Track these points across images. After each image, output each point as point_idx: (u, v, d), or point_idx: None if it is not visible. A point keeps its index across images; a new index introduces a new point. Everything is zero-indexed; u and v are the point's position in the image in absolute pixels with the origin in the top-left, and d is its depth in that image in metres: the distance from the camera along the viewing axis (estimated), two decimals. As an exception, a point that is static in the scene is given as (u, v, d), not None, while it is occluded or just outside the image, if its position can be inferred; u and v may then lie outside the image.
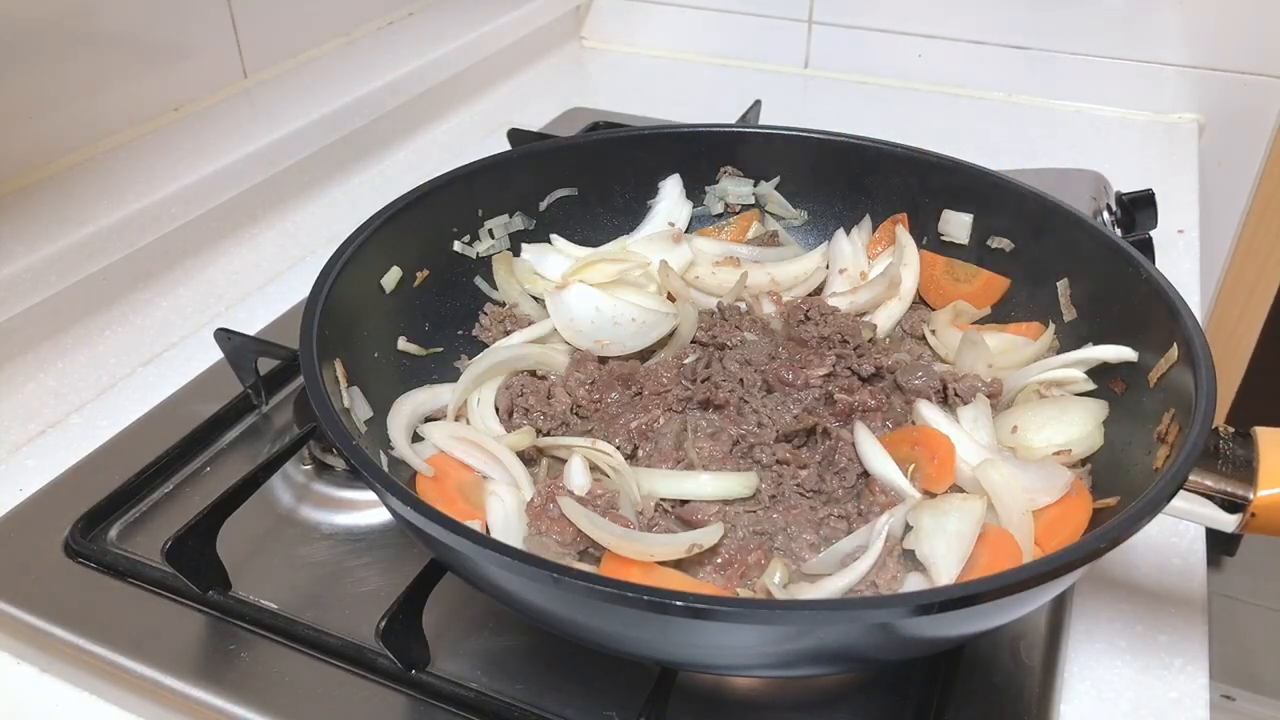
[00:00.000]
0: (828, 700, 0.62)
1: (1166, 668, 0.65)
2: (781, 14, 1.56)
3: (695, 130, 0.95)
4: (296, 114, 1.16)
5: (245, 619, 0.67)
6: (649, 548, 0.62)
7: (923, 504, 0.66)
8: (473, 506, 0.68)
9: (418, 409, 0.75)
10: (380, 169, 1.29)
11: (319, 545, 0.73)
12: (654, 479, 0.69)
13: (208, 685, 0.63)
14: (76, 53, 0.99)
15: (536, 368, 0.81)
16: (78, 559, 0.71)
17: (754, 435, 0.72)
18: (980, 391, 0.76)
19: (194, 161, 1.04)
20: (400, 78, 1.29)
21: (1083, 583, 0.70)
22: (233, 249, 1.10)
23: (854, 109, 1.48)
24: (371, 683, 0.63)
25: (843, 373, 0.76)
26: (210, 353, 0.86)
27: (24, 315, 0.88)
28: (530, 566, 0.50)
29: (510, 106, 1.48)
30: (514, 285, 0.87)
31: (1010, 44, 1.46)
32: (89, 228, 0.92)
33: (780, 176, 0.94)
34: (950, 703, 0.60)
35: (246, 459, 0.80)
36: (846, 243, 0.91)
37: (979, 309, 0.86)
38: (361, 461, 0.56)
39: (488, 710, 0.61)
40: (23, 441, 0.85)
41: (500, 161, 0.88)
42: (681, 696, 0.58)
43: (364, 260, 0.75)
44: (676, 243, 0.90)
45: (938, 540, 0.62)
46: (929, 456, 0.71)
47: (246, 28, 1.18)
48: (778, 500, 0.68)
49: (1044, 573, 0.49)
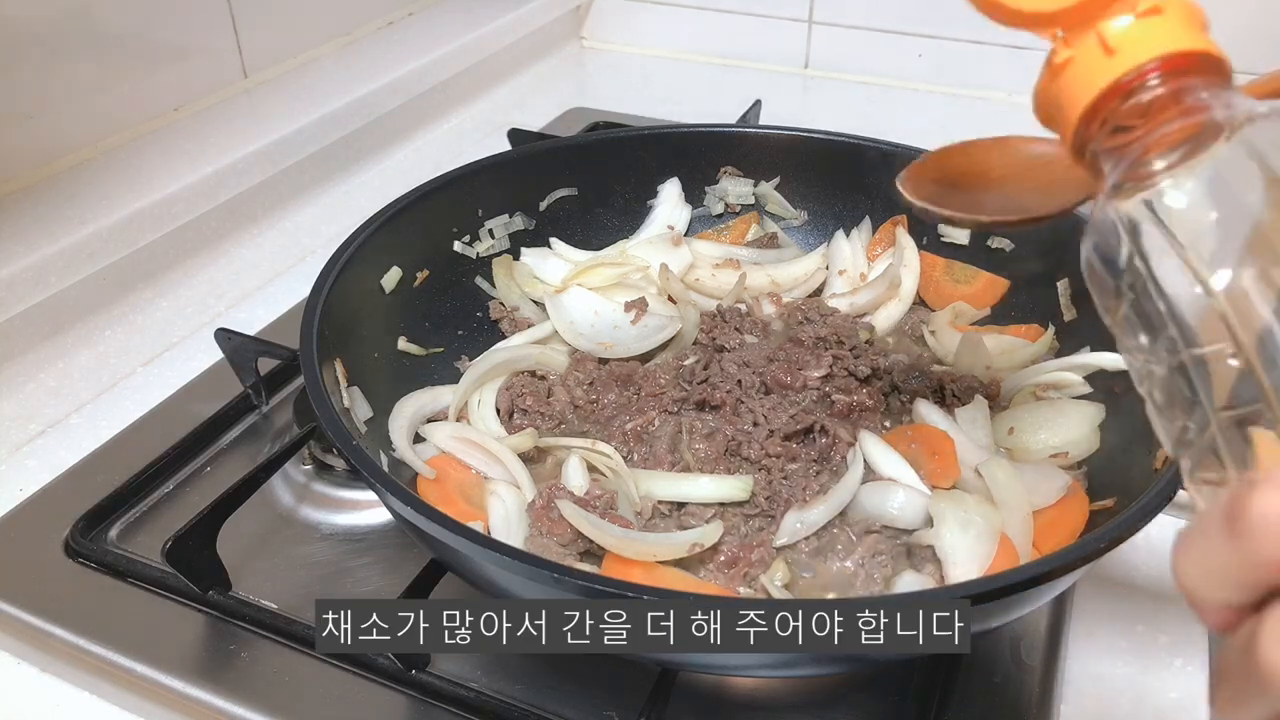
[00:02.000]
0: (828, 700, 0.62)
1: (1166, 668, 0.65)
2: (781, 14, 1.56)
3: (695, 130, 0.95)
4: (296, 114, 1.16)
5: (245, 619, 0.67)
6: (651, 548, 0.63)
7: (943, 496, 0.66)
8: (473, 507, 0.69)
9: (419, 410, 0.75)
10: (380, 169, 1.29)
11: (319, 545, 0.73)
12: (652, 480, 0.69)
13: (208, 685, 0.63)
14: (76, 53, 0.99)
15: (537, 368, 0.81)
16: (78, 559, 0.71)
17: (749, 435, 0.72)
18: (978, 392, 0.76)
19: (194, 161, 1.04)
20: (400, 78, 1.29)
21: (1083, 583, 0.70)
22: (233, 249, 1.10)
23: (854, 109, 1.48)
24: (371, 683, 0.63)
25: (840, 374, 0.76)
26: (210, 353, 0.86)
27: (24, 315, 0.88)
28: (530, 566, 0.50)
29: (510, 106, 1.48)
30: (514, 289, 0.87)
31: (1010, 44, 1.45)
32: (89, 228, 0.92)
33: (780, 176, 0.94)
34: (950, 703, 0.60)
35: (246, 459, 0.80)
36: (846, 244, 0.91)
37: (978, 310, 0.86)
38: (361, 461, 0.56)
39: (488, 710, 0.61)
40: (23, 441, 0.85)
41: (500, 161, 0.88)
42: (681, 696, 0.58)
43: (364, 260, 0.75)
44: (676, 246, 0.90)
45: (959, 539, 0.63)
46: (929, 453, 0.71)
47: (246, 28, 1.18)
48: (774, 502, 0.68)
49: (1044, 573, 0.49)
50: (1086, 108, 0.42)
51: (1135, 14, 0.41)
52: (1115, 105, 0.42)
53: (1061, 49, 0.43)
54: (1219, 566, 0.31)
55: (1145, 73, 0.41)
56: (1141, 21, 0.41)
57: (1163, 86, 0.40)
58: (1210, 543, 0.31)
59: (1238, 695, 0.31)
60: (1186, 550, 0.33)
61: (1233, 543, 0.30)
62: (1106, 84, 0.41)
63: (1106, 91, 0.41)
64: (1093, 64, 0.42)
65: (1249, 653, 0.30)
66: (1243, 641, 0.30)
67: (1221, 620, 0.32)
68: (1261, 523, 0.30)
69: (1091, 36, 0.42)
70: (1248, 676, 0.30)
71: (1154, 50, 0.41)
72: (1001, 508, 0.65)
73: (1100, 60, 0.41)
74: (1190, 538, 0.32)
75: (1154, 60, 0.40)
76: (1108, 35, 0.41)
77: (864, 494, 0.68)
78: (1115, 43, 0.41)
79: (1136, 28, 0.41)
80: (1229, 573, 0.31)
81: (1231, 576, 0.31)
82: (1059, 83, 0.43)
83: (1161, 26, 0.41)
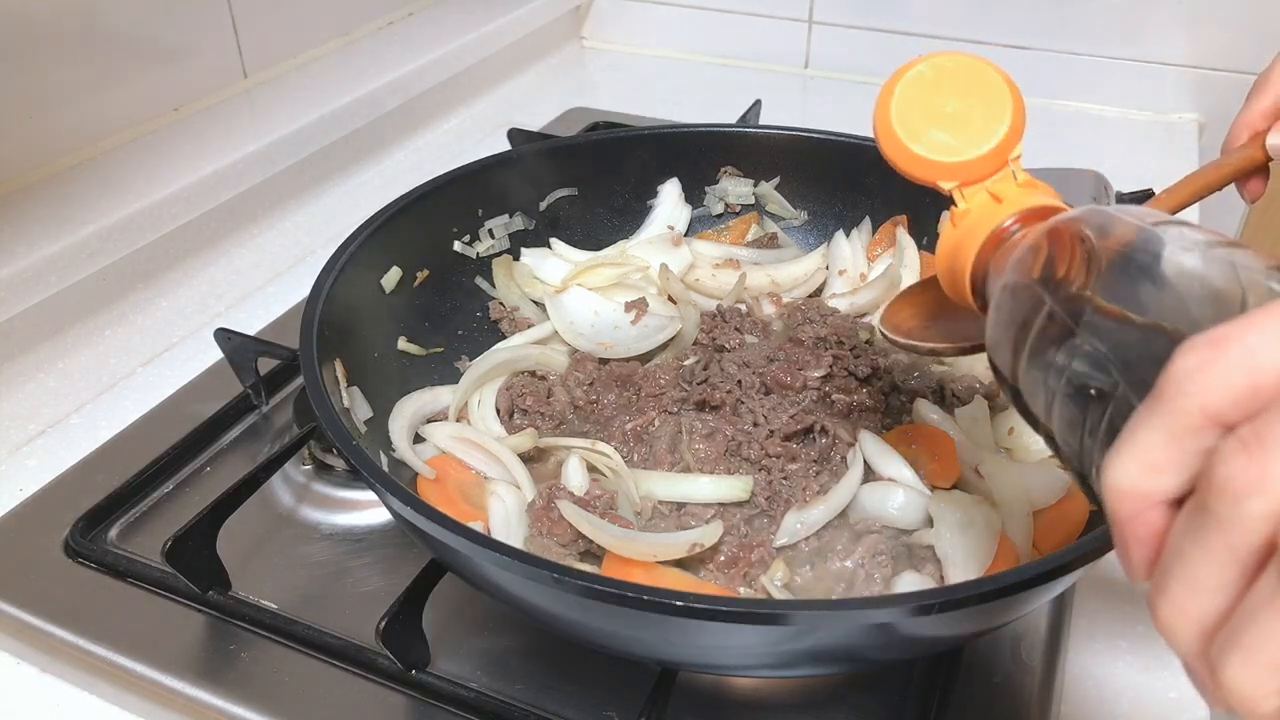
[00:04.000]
0: (828, 700, 0.62)
1: (1166, 668, 0.65)
2: (781, 14, 1.56)
3: (695, 130, 0.95)
4: (296, 114, 1.16)
5: (245, 619, 0.67)
6: (651, 548, 0.63)
7: (943, 496, 0.66)
8: (473, 507, 0.69)
9: (419, 410, 0.75)
10: (380, 169, 1.29)
11: (319, 545, 0.73)
12: (652, 481, 0.69)
13: (208, 685, 0.63)
14: (76, 53, 0.99)
15: (537, 368, 0.81)
16: (78, 559, 0.71)
17: (749, 435, 0.72)
18: (978, 392, 0.76)
19: (194, 161, 1.04)
20: (400, 78, 1.29)
21: (1083, 583, 0.70)
22: (233, 249, 1.10)
23: (854, 109, 1.47)
24: (371, 683, 0.63)
25: (840, 374, 0.76)
26: (210, 353, 0.86)
27: (24, 315, 0.88)
28: (530, 566, 0.50)
29: (510, 106, 1.48)
30: (513, 289, 0.87)
31: (1010, 44, 1.46)
32: (89, 228, 0.92)
33: (780, 176, 0.94)
34: (950, 703, 0.60)
35: (246, 459, 0.80)
36: (846, 244, 0.91)
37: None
38: (361, 462, 0.56)
39: (488, 710, 0.61)
40: (23, 441, 0.85)
41: (500, 161, 0.88)
42: (681, 696, 0.58)
43: (364, 260, 0.75)
44: (676, 246, 0.90)
45: (959, 539, 0.63)
46: (929, 453, 0.71)
47: (246, 28, 1.18)
48: (774, 502, 0.68)
49: (1044, 573, 0.49)
50: (985, 241, 0.50)
51: (1017, 185, 0.51)
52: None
53: (961, 202, 0.53)
54: (1156, 446, 0.30)
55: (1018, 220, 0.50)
56: (1018, 189, 0.51)
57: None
58: (1138, 435, 0.31)
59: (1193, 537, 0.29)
60: (1118, 459, 0.31)
61: (1160, 413, 0.30)
62: (996, 222, 0.50)
63: (996, 231, 0.50)
64: (988, 210, 0.51)
65: (1208, 479, 0.28)
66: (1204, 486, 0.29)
67: (1155, 523, 0.31)
68: (1182, 377, 0.29)
69: (985, 196, 0.52)
70: (1203, 510, 0.29)
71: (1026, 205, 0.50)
72: (1001, 508, 0.65)
73: (992, 208, 0.51)
74: (1117, 449, 0.32)
75: (1024, 211, 0.50)
76: (997, 192, 0.51)
77: (864, 494, 0.68)
78: (1002, 197, 0.51)
79: (1014, 192, 0.51)
80: (1165, 448, 0.30)
81: (1168, 451, 0.30)
82: (962, 228, 0.52)
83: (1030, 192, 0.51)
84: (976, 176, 0.52)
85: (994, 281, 0.49)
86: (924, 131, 0.52)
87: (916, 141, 0.52)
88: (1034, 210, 0.50)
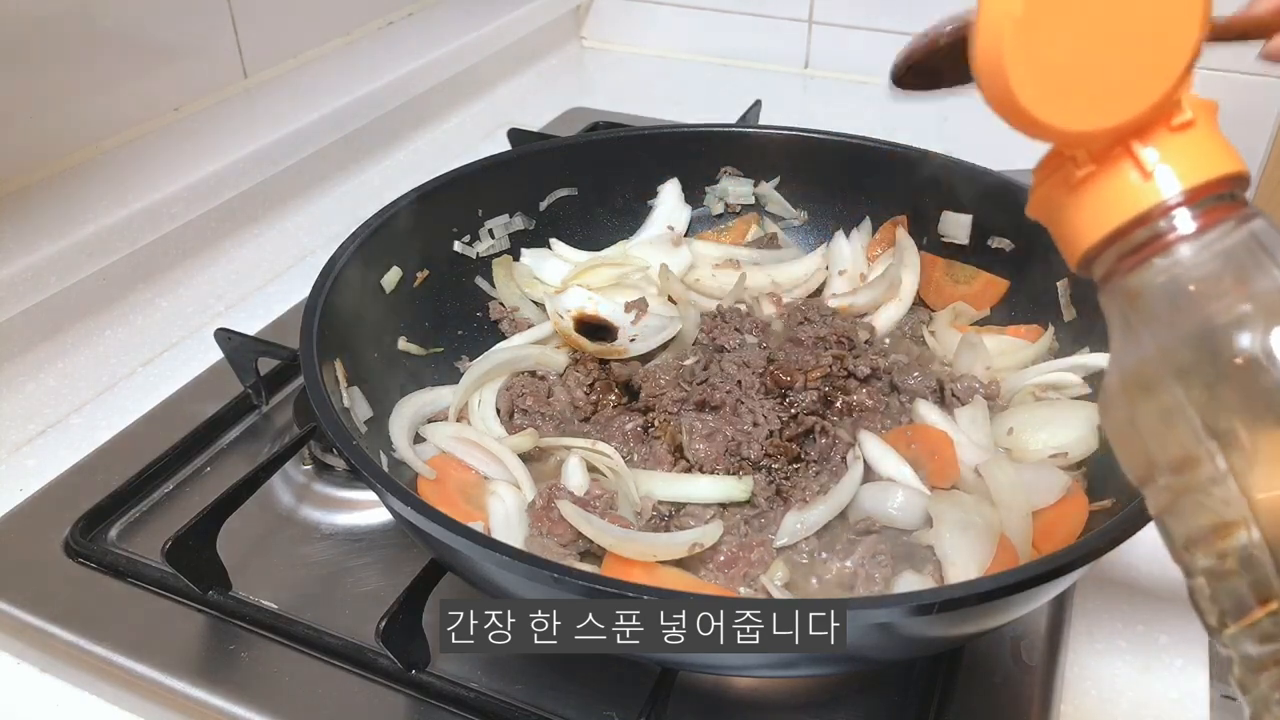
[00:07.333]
0: (828, 700, 0.62)
1: (1166, 668, 0.65)
2: (781, 14, 1.56)
3: (695, 130, 0.95)
4: (296, 114, 1.16)
5: (245, 619, 0.67)
6: (651, 548, 0.63)
7: (942, 497, 0.66)
8: (473, 507, 0.69)
9: (419, 410, 0.75)
10: (380, 169, 1.29)
11: (319, 545, 0.73)
12: (652, 481, 0.69)
13: (208, 685, 0.63)
14: (76, 53, 0.99)
15: (537, 368, 0.81)
16: (78, 559, 0.71)
17: (749, 435, 0.72)
18: (978, 393, 0.76)
19: (194, 161, 1.04)
20: (400, 78, 1.29)
21: (1083, 583, 0.70)
22: (233, 249, 1.10)
23: (854, 109, 1.48)
24: (371, 683, 0.63)
25: (839, 374, 0.76)
26: (210, 353, 0.86)
27: (24, 315, 0.88)
28: (530, 566, 0.50)
29: (510, 106, 1.48)
30: (514, 289, 0.87)
31: (1010, 44, 1.46)
32: (89, 228, 0.92)
33: (780, 176, 0.94)
34: (950, 703, 0.60)
35: (246, 459, 0.79)
36: (846, 244, 0.91)
37: (978, 310, 0.86)
38: (361, 462, 0.56)
39: (488, 710, 0.61)
40: (23, 441, 0.85)
41: (500, 161, 0.88)
42: (681, 696, 0.58)
43: (364, 260, 0.75)
44: (676, 246, 0.90)
45: (959, 539, 0.63)
46: (928, 453, 0.71)
47: (246, 28, 1.18)
48: (774, 502, 0.68)
49: (1044, 573, 0.49)
50: (1111, 232, 0.39)
51: (1169, 128, 0.38)
52: (1141, 232, 0.39)
53: (1085, 163, 0.39)
54: None
55: (1177, 205, 0.38)
56: (1176, 139, 0.38)
57: (1196, 220, 0.38)
58: None
59: None
60: None
61: None
62: (1138, 211, 0.38)
63: (1136, 219, 0.38)
64: (1124, 187, 0.38)
65: None
66: None
67: None
68: None
69: (1125, 159, 0.38)
70: None
71: (1190, 179, 0.38)
72: (1001, 508, 0.65)
73: (1135, 184, 0.38)
74: None
75: (1186, 191, 0.38)
76: (1143, 158, 0.38)
77: (864, 494, 0.68)
78: (1151, 166, 0.38)
79: (1172, 150, 0.38)
80: None
81: None
82: (1079, 197, 0.40)
83: (1195, 145, 0.38)
84: (1127, 136, 0.38)
85: (1144, 279, 0.38)
86: (1056, 85, 0.37)
87: (1045, 103, 0.37)
88: (1202, 189, 0.37)
